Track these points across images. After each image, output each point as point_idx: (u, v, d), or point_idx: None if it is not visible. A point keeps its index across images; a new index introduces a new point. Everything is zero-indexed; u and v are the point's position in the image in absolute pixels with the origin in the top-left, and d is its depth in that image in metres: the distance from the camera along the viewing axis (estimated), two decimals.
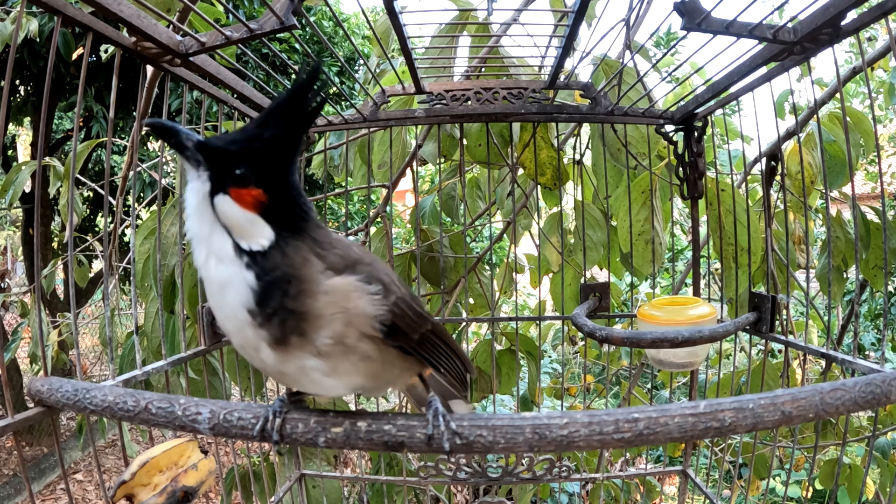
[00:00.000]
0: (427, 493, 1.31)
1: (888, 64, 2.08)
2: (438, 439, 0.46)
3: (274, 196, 0.40)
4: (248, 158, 0.40)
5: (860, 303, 3.53)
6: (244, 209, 0.40)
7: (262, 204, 0.40)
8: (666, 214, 1.25)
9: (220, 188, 0.40)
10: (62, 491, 3.71)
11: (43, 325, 0.69)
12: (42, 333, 0.68)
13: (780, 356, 1.59)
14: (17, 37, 0.61)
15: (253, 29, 0.61)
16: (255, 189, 0.40)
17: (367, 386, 0.49)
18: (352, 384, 0.47)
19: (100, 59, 1.86)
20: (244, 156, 0.40)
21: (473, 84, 1.02)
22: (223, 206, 0.40)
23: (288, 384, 0.49)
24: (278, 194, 0.41)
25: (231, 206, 0.40)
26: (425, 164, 2.02)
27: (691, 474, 1.09)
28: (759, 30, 0.65)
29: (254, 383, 1.11)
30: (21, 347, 2.17)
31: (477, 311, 1.46)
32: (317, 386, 0.46)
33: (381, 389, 0.53)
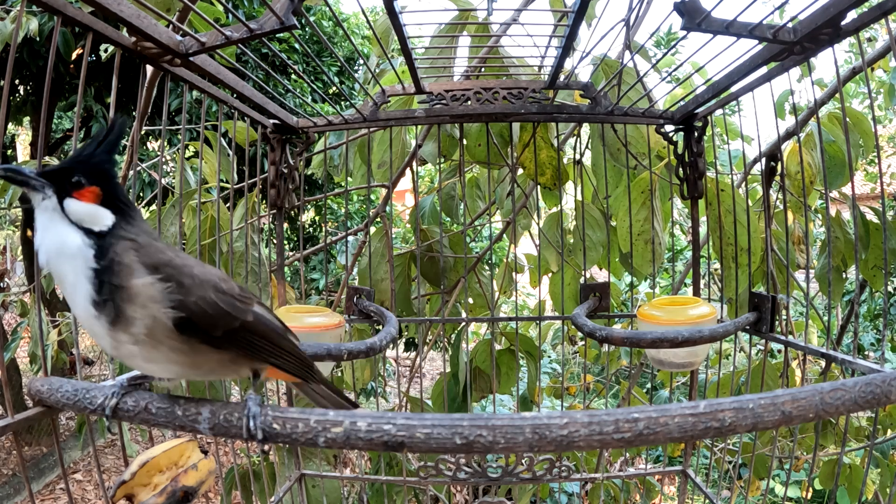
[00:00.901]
0: (427, 493, 1.31)
1: (888, 64, 2.08)
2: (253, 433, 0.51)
3: (106, 191, 0.51)
4: (79, 169, 0.50)
5: (860, 303, 3.53)
6: (87, 203, 0.50)
7: (99, 196, 0.51)
8: (666, 214, 1.25)
9: (66, 196, 0.50)
10: (62, 491, 3.71)
11: (43, 324, 0.69)
12: (42, 333, 0.68)
13: (780, 356, 1.59)
14: (16, 36, 0.61)
15: (253, 29, 0.61)
16: (91, 187, 0.50)
17: (191, 374, 0.56)
18: (173, 371, 0.53)
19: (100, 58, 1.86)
20: (76, 168, 0.50)
21: (473, 84, 1.02)
22: (72, 206, 0.50)
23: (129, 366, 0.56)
24: (109, 191, 0.51)
25: (77, 203, 0.50)
26: (425, 164, 2.02)
27: (691, 474, 1.09)
28: (759, 30, 0.65)
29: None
30: (21, 347, 2.17)
31: (477, 311, 1.46)
32: (146, 370, 0.53)
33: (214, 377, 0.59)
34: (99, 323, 0.49)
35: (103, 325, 0.49)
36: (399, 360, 3.40)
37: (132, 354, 0.51)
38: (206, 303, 0.51)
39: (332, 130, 1.12)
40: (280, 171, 1.05)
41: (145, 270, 0.49)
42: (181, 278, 0.50)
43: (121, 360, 0.53)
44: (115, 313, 0.49)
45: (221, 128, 0.92)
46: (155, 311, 0.49)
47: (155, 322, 0.49)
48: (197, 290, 0.51)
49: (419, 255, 1.32)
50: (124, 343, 0.50)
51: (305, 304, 1.13)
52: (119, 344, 0.50)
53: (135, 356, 0.51)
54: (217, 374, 0.57)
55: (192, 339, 0.51)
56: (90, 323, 0.50)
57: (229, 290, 0.53)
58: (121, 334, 0.49)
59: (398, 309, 1.34)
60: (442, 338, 1.46)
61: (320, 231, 5.39)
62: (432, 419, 0.49)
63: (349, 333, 1.20)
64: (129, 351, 0.50)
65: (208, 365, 0.54)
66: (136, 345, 0.50)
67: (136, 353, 0.50)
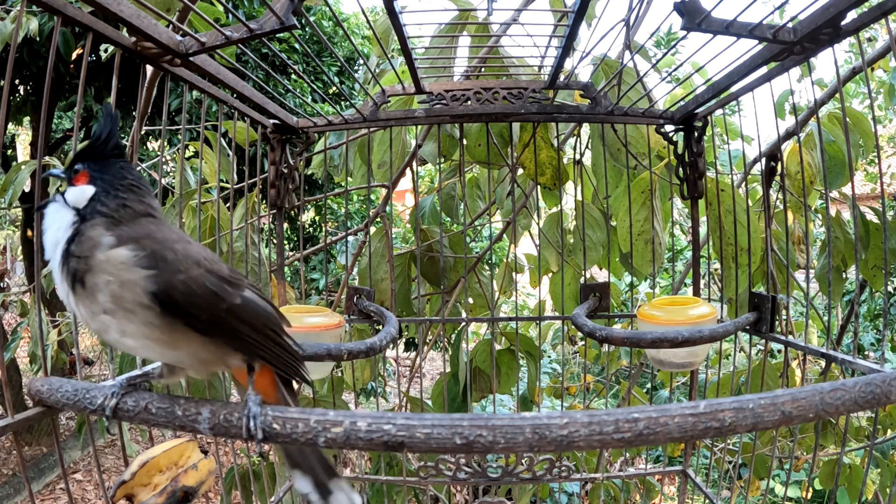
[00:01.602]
0: (427, 493, 1.31)
1: (888, 64, 2.08)
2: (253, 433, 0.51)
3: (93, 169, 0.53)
4: (80, 157, 0.54)
5: (860, 303, 3.53)
6: (79, 185, 0.53)
7: (88, 176, 0.53)
8: (666, 214, 1.25)
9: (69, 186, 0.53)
10: (62, 491, 3.71)
11: (42, 324, 0.69)
12: (42, 333, 0.68)
13: (780, 356, 1.59)
14: (16, 36, 0.61)
15: (253, 29, 0.61)
16: (83, 172, 0.53)
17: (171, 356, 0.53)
18: (150, 350, 0.52)
19: (99, 58, 1.86)
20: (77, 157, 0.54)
21: (473, 84, 1.02)
22: (68, 193, 0.52)
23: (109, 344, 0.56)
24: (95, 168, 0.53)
25: (72, 189, 0.52)
26: (425, 164, 2.02)
27: (691, 474, 1.09)
28: (759, 30, 0.65)
29: None
30: (21, 347, 2.17)
31: (477, 311, 1.46)
32: (122, 346, 0.52)
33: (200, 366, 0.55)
34: (63, 290, 0.51)
35: (68, 294, 0.50)
36: (399, 360, 3.41)
37: (107, 326, 0.50)
38: (192, 280, 0.50)
39: (332, 130, 1.12)
40: (280, 171, 1.05)
41: (113, 241, 0.49)
42: (163, 252, 0.49)
43: (99, 333, 0.52)
44: (73, 279, 0.49)
45: (221, 128, 0.92)
46: (124, 280, 0.48)
47: (122, 291, 0.48)
48: (180, 265, 0.50)
49: (419, 255, 1.32)
50: (96, 314, 0.50)
51: (305, 304, 1.13)
52: (93, 315, 0.50)
53: (109, 328, 0.50)
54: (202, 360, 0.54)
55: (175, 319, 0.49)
56: (62, 293, 0.51)
57: (217, 269, 0.52)
58: (88, 302, 0.50)
59: (398, 309, 1.34)
60: (442, 338, 1.46)
61: (320, 231, 5.39)
62: (432, 419, 0.49)
63: (349, 333, 1.20)
64: (104, 322, 0.50)
65: (189, 348, 0.52)
66: (107, 314, 0.50)
67: (111, 325, 0.50)
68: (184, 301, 0.49)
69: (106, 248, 0.49)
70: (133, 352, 0.53)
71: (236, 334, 0.52)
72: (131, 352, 0.54)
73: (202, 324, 0.50)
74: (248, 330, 0.53)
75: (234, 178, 1.12)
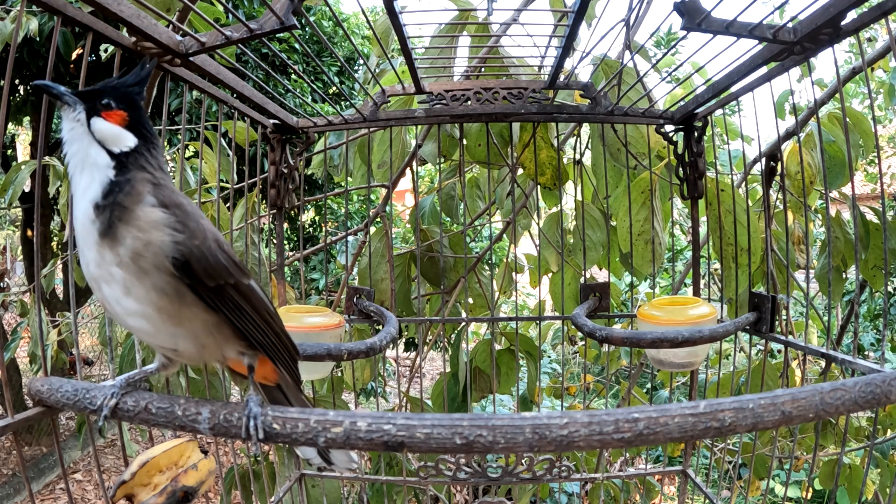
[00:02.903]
0: (427, 493, 1.31)
1: (888, 64, 2.08)
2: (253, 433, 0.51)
3: (132, 116, 0.53)
4: (109, 93, 0.53)
5: (860, 303, 3.53)
6: (113, 124, 0.52)
7: (125, 120, 0.53)
8: (666, 214, 1.25)
9: (94, 114, 0.52)
10: (62, 491, 3.71)
11: (42, 324, 0.69)
12: (42, 333, 0.68)
13: (780, 356, 1.59)
14: (17, 36, 0.61)
15: (253, 29, 0.61)
16: (118, 111, 0.53)
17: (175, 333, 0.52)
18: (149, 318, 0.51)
19: (100, 58, 1.86)
20: (106, 91, 0.53)
21: (473, 84, 1.02)
22: (98, 124, 0.52)
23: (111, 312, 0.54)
24: (134, 117, 0.53)
25: (103, 123, 0.52)
26: (425, 164, 2.02)
27: (691, 474, 1.09)
28: (759, 30, 0.65)
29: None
30: (21, 347, 2.17)
31: (477, 311, 1.46)
32: (120, 307, 0.51)
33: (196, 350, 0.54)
34: (92, 228, 0.50)
35: (94, 233, 0.50)
36: (399, 360, 3.40)
37: (111, 278, 0.50)
38: (208, 250, 0.51)
39: (332, 130, 1.12)
40: (280, 171, 1.05)
41: (154, 201, 0.50)
42: (187, 221, 0.51)
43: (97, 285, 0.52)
44: (107, 225, 0.49)
45: (221, 128, 0.92)
46: (152, 240, 0.49)
47: (146, 249, 0.49)
48: (200, 235, 0.51)
49: (419, 255, 1.32)
50: (107, 264, 0.50)
51: (305, 304, 1.13)
52: (102, 262, 0.50)
53: (114, 281, 0.50)
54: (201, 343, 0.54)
55: (182, 284, 0.50)
56: (84, 227, 0.51)
57: (229, 251, 0.54)
58: (107, 251, 0.50)
59: (398, 309, 1.34)
60: (442, 338, 1.46)
61: (320, 231, 5.39)
62: (432, 419, 0.49)
63: (349, 333, 1.20)
64: (110, 273, 0.50)
65: (191, 324, 0.52)
66: (118, 267, 0.49)
67: (117, 279, 0.50)
68: (198, 267, 0.50)
69: (147, 206, 0.50)
70: (126, 319, 0.52)
71: (240, 312, 0.54)
72: (123, 319, 0.52)
73: (210, 293, 0.51)
74: (251, 311, 0.54)
75: (234, 178, 1.12)
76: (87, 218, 0.50)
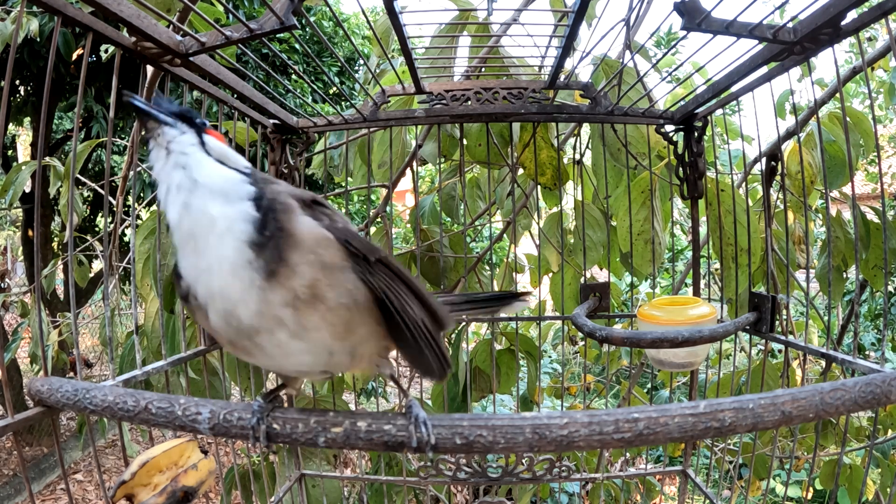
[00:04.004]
0: (427, 493, 1.31)
1: (888, 64, 2.08)
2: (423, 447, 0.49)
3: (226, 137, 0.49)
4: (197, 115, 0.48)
5: (860, 303, 3.53)
6: (221, 142, 0.48)
7: (224, 140, 0.48)
8: (666, 214, 1.25)
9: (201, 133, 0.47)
10: (62, 491, 3.71)
11: (43, 325, 0.69)
12: (42, 333, 0.68)
13: (780, 356, 1.59)
14: (17, 37, 0.61)
15: (253, 29, 0.61)
16: (214, 130, 0.48)
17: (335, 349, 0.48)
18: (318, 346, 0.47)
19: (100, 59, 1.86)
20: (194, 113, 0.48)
21: (473, 84, 1.02)
22: (211, 143, 0.46)
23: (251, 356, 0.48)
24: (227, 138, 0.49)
25: (215, 141, 0.47)
26: (425, 164, 2.02)
27: (691, 474, 1.09)
28: (759, 30, 0.65)
29: (254, 383, 1.11)
30: (21, 347, 2.17)
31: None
32: (280, 350, 0.46)
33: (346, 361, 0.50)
34: (249, 273, 0.42)
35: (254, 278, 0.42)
36: (399, 361, 3.40)
37: (277, 324, 0.44)
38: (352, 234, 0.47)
39: (332, 130, 1.12)
40: (280, 171, 1.05)
41: (303, 210, 0.45)
42: (334, 216, 0.47)
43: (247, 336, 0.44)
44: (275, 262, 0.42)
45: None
46: (325, 259, 0.44)
47: (324, 272, 0.44)
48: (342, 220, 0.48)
49: (419, 255, 1.32)
50: (274, 306, 0.43)
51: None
52: (267, 307, 0.43)
53: (280, 327, 0.44)
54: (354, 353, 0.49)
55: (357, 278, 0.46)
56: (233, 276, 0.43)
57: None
58: (276, 292, 0.43)
59: None
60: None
61: None
62: (432, 419, 0.49)
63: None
64: (276, 319, 0.43)
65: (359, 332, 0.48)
66: (289, 308, 0.43)
67: (287, 321, 0.44)
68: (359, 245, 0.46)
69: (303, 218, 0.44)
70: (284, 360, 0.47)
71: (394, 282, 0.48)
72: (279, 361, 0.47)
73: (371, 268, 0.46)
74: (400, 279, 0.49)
75: None
76: (241, 263, 0.42)
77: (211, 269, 0.43)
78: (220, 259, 0.43)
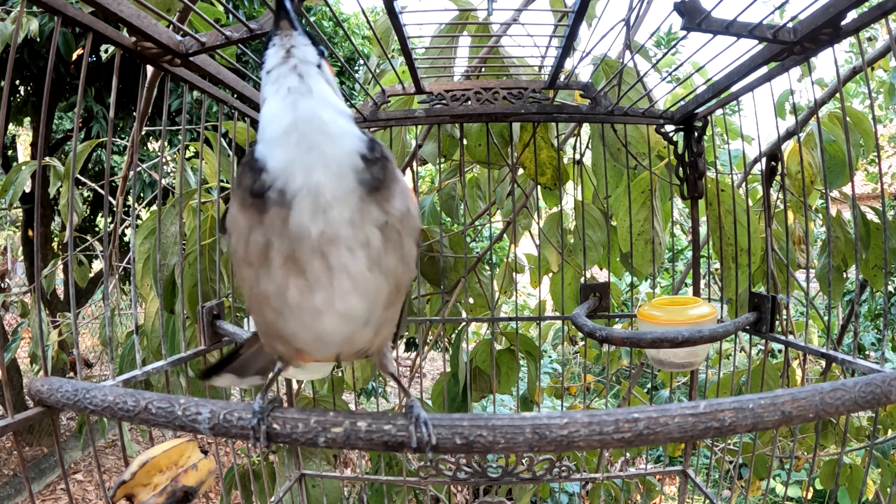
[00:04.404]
0: (427, 493, 1.31)
1: (888, 64, 2.08)
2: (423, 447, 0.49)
3: None
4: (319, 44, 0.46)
5: (860, 303, 3.53)
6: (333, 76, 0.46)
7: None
8: (666, 214, 1.25)
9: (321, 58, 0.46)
10: (62, 491, 3.71)
11: (43, 325, 0.69)
12: (42, 333, 0.68)
13: (780, 356, 1.59)
14: (17, 37, 0.61)
15: (253, 29, 0.61)
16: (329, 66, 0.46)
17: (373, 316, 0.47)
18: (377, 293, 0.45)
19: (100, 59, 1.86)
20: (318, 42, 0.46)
21: (473, 84, 1.02)
22: (327, 73, 0.45)
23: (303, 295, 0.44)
24: None
25: (328, 72, 0.46)
26: (425, 164, 2.02)
27: (691, 474, 1.09)
28: (759, 30, 0.65)
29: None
30: (21, 347, 2.17)
31: (477, 311, 1.46)
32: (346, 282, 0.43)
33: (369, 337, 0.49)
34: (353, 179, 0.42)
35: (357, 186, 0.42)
36: (399, 360, 3.40)
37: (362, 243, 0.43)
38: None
39: None
40: None
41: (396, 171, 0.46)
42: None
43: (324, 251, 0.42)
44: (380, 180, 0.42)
45: (221, 128, 0.92)
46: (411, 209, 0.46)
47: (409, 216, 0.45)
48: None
49: (419, 255, 1.32)
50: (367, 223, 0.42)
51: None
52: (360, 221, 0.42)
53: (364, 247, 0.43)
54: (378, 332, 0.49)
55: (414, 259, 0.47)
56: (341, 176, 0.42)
57: None
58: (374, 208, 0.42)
59: None
60: (442, 338, 1.46)
61: None
62: (432, 419, 0.49)
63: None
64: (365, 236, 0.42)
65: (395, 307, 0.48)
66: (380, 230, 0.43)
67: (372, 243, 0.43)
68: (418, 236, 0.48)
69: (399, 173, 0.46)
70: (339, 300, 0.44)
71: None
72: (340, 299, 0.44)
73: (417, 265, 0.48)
74: None
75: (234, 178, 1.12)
76: (350, 166, 0.42)
77: (315, 165, 0.41)
78: (329, 158, 0.42)
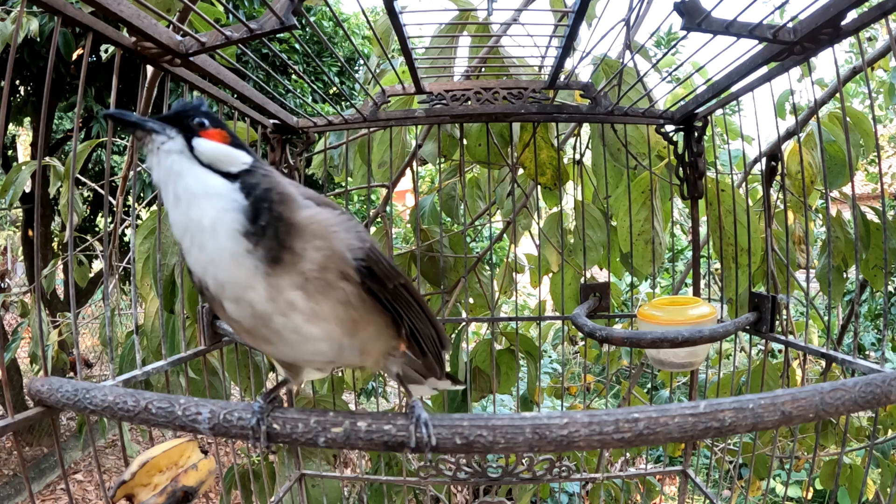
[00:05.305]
0: (427, 493, 1.31)
1: (888, 64, 2.08)
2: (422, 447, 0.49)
3: (229, 133, 0.48)
4: (197, 113, 0.47)
5: (860, 303, 3.53)
6: (218, 143, 0.46)
7: (227, 138, 0.47)
8: (666, 214, 1.25)
9: (192, 136, 0.46)
10: (62, 491, 3.71)
11: (43, 325, 0.69)
12: (42, 333, 0.68)
13: (780, 356, 1.59)
14: (17, 37, 0.61)
15: (253, 29, 0.61)
16: (215, 129, 0.47)
17: (345, 344, 0.48)
18: (330, 336, 0.47)
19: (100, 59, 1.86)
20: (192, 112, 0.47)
21: (473, 84, 1.02)
22: (202, 146, 0.46)
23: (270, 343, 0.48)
24: (231, 134, 0.48)
25: (207, 143, 0.46)
26: (425, 164, 2.02)
27: (691, 474, 1.09)
28: (759, 30, 0.65)
29: (254, 383, 1.11)
30: (21, 347, 2.17)
31: (477, 311, 1.46)
32: (297, 336, 0.46)
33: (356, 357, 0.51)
34: (251, 260, 0.43)
35: (257, 265, 0.43)
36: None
37: (289, 308, 0.44)
38: (378, 252, 0.47)
39: (333, 130, 1.12)
40: (280, 171, 1.05)
41: (311, 202, 0.45)
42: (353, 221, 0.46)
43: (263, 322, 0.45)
44: (277, 245, 0.42)
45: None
46: (335, 247, 0.44)
47: (331, 260, 0.43)
48: (367, 236, 0.47)
49: (419, 255, 1.32)
50: (284, 291, 0.43)
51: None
52: (276, 294, 0.43)
53: (293, 310, 0.44)
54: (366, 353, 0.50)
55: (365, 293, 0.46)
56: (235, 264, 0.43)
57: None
58: (282, 277, 0.43)
59: None
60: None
61: None
62: (433, 419, 0.49)
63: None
64: (288, 303, 0.44)
65: (365, 331, 0.48)
66: (300, 291, 0.43)
67: (298, 306, 0.44)
68: (379, 271, 0.46)
69: (309, 208, 0.44)
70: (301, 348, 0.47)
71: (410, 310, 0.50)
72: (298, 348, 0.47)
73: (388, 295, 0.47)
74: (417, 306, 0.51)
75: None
76: (239, 252, 0.43)
77: (213, 261, 0.44)
78: (220, 250, 0.44)
